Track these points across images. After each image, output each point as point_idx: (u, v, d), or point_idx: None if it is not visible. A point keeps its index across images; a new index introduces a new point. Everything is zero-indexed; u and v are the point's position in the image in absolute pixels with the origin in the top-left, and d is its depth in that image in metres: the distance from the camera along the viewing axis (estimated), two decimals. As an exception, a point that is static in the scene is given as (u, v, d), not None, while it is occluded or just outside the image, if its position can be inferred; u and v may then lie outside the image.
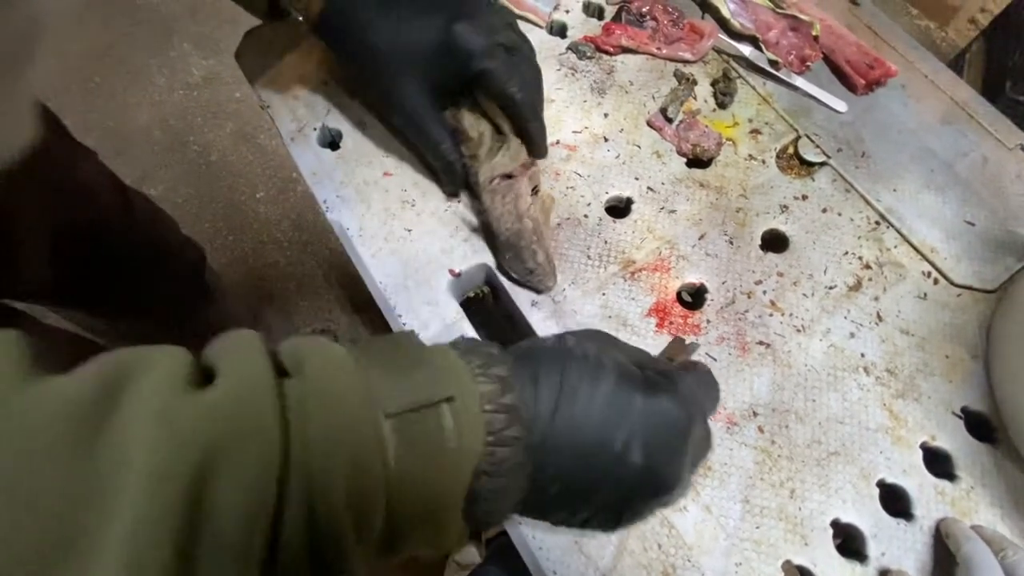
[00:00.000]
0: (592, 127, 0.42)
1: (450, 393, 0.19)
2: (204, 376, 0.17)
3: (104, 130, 1.22)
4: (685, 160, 0.41)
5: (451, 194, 0.38)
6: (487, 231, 0.36)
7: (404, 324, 0.35)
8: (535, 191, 0.36)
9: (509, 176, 0.35)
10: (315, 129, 0.40)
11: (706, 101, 0.43)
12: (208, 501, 0.15)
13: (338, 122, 0.40)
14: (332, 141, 0.40)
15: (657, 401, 0.23)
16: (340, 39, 0.35)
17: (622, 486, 0.22)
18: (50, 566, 0.13)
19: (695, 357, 0.34)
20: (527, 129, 0.37)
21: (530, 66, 0.37)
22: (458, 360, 0.21)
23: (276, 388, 0.17)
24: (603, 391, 0.22)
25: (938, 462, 0.34)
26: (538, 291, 0.36)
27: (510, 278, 0.36)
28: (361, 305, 1.07)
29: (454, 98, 0.37)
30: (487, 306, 0.40)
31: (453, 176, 0.37)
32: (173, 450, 0.15)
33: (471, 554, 0.91)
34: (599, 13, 0.47)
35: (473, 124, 0.36)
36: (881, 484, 0.33)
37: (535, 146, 0.38)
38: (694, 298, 0.38)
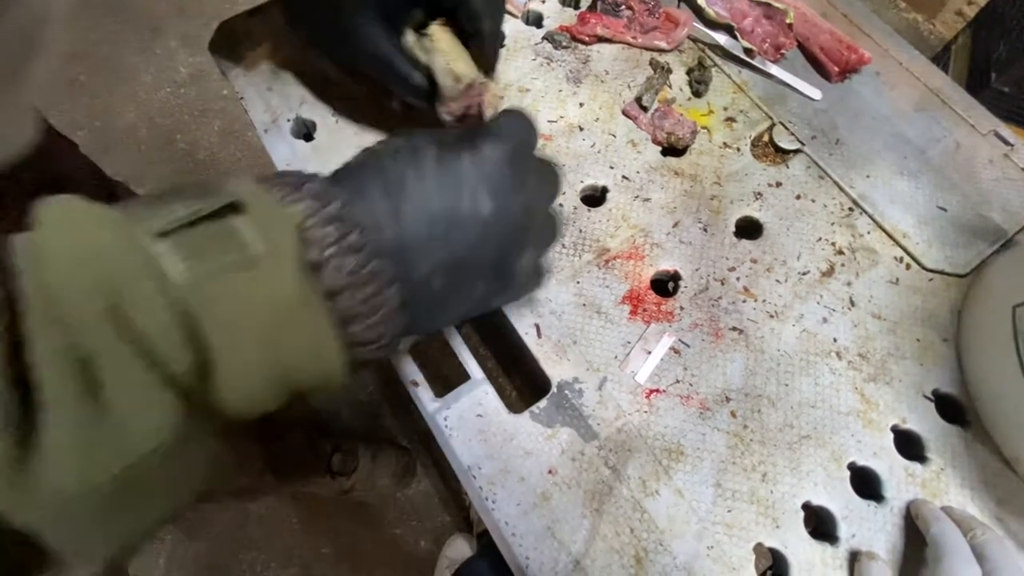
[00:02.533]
0: (567, 116, 0.42)
1: (236, 199, 0.18)
2: None
3: (91, 129, 1.21)
4: (660, 149, 0.41)
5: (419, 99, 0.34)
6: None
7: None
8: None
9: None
10: (289, 120, 0.40)
11: (681, 90, 0.43)
12: None
13: (312, 113, 0.40)
14: (306, 132, 0.40)
15: (480, 150, 0.23)
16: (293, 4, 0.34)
17: (489, 243, 0.23)
18: None
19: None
20: (478, 26, 0.33)
21: None
22: (251, 182, 0.19)
23: None
24: (430, 169, 0.22)
25: (909, 444, 0.34)
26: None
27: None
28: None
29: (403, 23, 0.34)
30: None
31: (418, 92, 0.34)
32: None
33: (462, 548, 0.91)
34: (575, 2, 0.47)
35: (441, 43, 0.34)
36: (852, 467, 0.33)
37: (486, 55, 0.34)
38: (668, 285, 0.38)
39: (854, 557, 0.31)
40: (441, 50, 0.33)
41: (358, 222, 0.20)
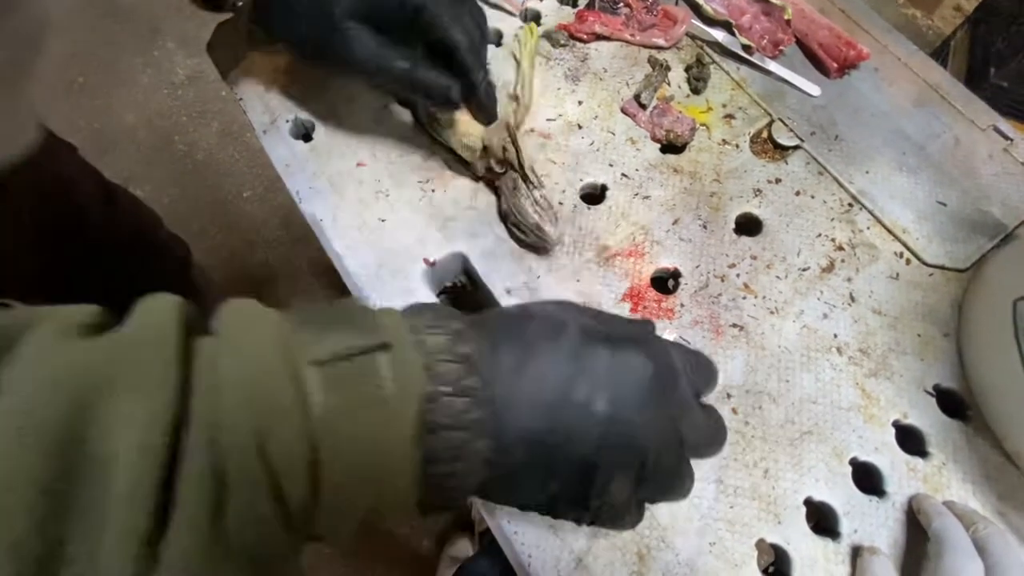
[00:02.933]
0: (566, 114, 0.42)
1: (384, 340, 0.18)
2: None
3: (89, 131, 1.21)
4: (659, 146, 0.41)
5: (452, 105, 0.34)
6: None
7: (378, 313, 0.35)
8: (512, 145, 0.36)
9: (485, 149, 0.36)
10: (288, 121, 0.40)
11: (680, 87, 0.43)
12: (86, 445, 0.14)
13: (311, 113, 0.40)
14: (305, 133, 0.40)
15: (622, 354, 0.22)
16: (277, 19, 0.33)
17: (588, 439, 0.21)
18: None
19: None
20: (470, 79, 0.33)
21: (475, 10, 0.34)
22: (399, 316, 0.20)
23: (179, 340, 0.16)
24: (565, 347, 0.22)
25: (910, 439, 0.34)
26: (542, 249, 0.37)
27: (518, 241, 0.37)
28: (351, 302, 1.07)
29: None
30: (465, 295, 0.40)
31: (442, 91, 0.33)
32: (39, 395, 0.14)
33: (464, 548, 0.91)
34: (573, 1, 0.47)
35: None
36: (854, 462, 0.33)
37: (480, 103, 0.34)
38: (668, 282, 0.38)
39: (856, 552, 0.31)
40: (451, 128, 0.37)
41: (478, 368, 0.20)
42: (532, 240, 0.36)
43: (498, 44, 0.44)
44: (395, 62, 0.32)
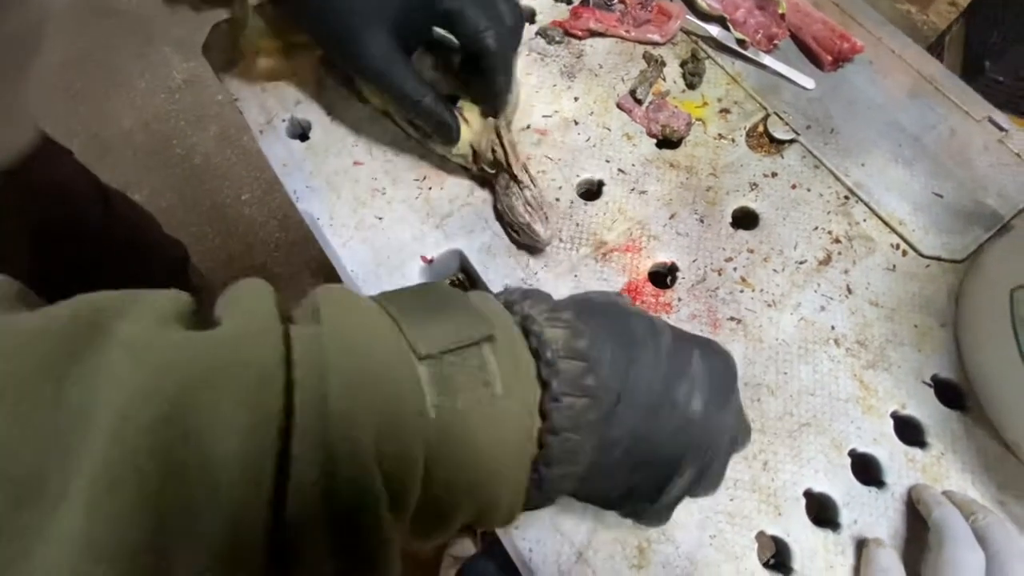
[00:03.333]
0: (562, 111, 0.42)
1: (490, 333, 0.17)
2: (210, 325, 0.15)
3: (86, 136, 1.21)
4: (655, 141, 0.41)
5: (450, 143, 0.35)
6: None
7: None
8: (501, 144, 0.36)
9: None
10: (284, 120, 0.40)
11: (675, 82, 0.43)
12: (191, 439, 0.13)
13: (307, 113, 0.40)
14: (302, 132, 0.40)
15: (710, 355, 0.23)
16: (300, 7, 0.33)
17: (681, 440, 0.21)
18: (17, 510, 0.11)
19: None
20: (494, 82, 0.33)
21: (510, 9, 0.33)
22: (497, 303, 0.19)
23: (281, 328, 0.15)
24: (666, 345, 0.22)
25: (909, 430, 0.34)
26: (533, 250, 0.37)
27: (512, 240, 0.37)
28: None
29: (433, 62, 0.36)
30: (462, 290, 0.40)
31: (444, 129, 0.34)
32: (144, 384, 0.13)
33: (466, 547, 0.91)
34: (567, -2, 0.47)
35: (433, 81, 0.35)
36: (852, 453, 0.33)
37: (495, 101, 0.34)
38: (665, 277, 0.38)
39: (857, 543, 0.31)
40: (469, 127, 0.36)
41: (597, 368, 0.19)
42: (525, 240, 0.36)
43: (532, 22, 0.45)
44: (407, 84, 0.32)
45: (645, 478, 0.22)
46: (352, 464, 0.14)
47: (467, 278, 0.39)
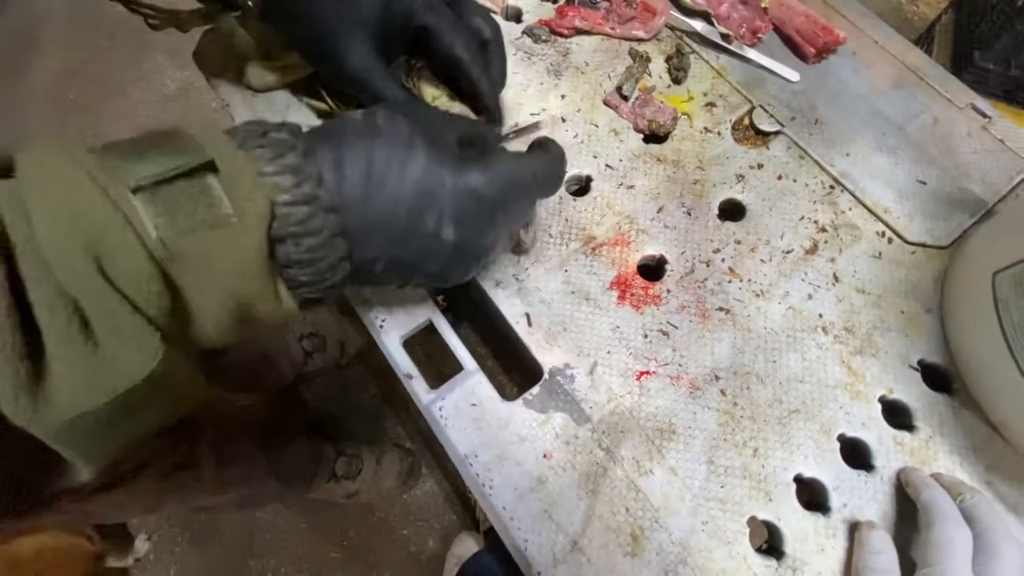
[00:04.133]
0: (550, 109, 0.42)
1: (209, 158, 0.19)
2: None
3: (81, 146, 1.22)
4: (642, 136, 0.42)
5: None
6: None
7: (370, 311, 0.35)
8: None
9: None
10: (275, 125, 0.40)
11: (661, 77, 0.44)
12: None
13: (299, 118, 0.41)
14: (293, 136, 0.41)
15: (466, 179, 0.24)
16: (286, 18, 0.34)
17: (439, 259, 0.25)
18: None
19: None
20: (474, 92, 0.34)
21: (484, 18, 0.34)
22: (218, 132, 0.21)
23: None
24: (412, 174, 0.23)
25: (897, 414, 0.35)
26: (519, 252, 0.37)
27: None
28: (348, 308, 1.08)
29: (409, 67, 0.36)
30: (456, 290, 0.40)
31: None
32: None
33: (469, 546, 0.92)
34: (553, -3, 0.47)
35: (429, 91, 0.35)
36: (841, 438, 0.34)
37: (486, 111, 0.34)
38: (654, 269, 0.39)
39: (848, 526, 0.31)
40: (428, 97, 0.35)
41: (311, 174, 0.21)
42: (510, 245, 0.37)
43: (518, 21, 0.46)
44: (387, 91, 0.33)
45: (426, 280, 0.27)
46: (82, 282, 0.17)
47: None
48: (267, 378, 0.88)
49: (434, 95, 0.36)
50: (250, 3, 0.35)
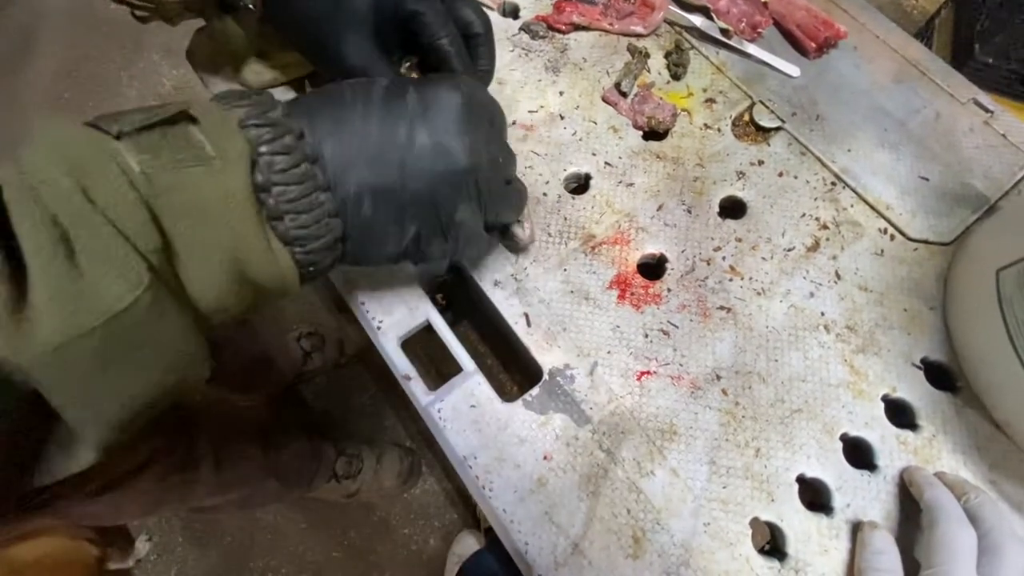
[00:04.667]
0: (548, 106, 0.42)
1: (188, 111, 0.20)
2: None
3: (78, 146, 1.21)
4: (641, 133, 0.41)
5: None
6: None
7: (367, 312, 0.35)
8: None
9: None
10: (270, 124, 0.40)
11: (660, 74, 0.44)
12: None
13: (293, 116, 0.40)
14: (288, 135, 0.40)
15: (429, 89, 0.25)
16: (284, 20, 0.34)
17: (421, 173, 0.24)
18: None
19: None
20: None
21: (475, 10, 0.33)
22: (207, 98, 0.22)
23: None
24: (376, 98, 0.24)
25: (900, 413, 0.34)
26: (516, 250, 0.37)
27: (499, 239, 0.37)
28: (345, 305, 1.07)
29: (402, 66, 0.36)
30: (454, 289, 0.40)
31: None
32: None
33: (470, 544, 0.92)
34: (550, -7, 0.47)
35: None
36: (844, 438, 0.33)
37: None
38: (654, 268, 0.38)
39: (851, 526, 0.31)
40: None
41: (292, 128, 0.22)
42: (506, 242, 0.36)
43: (515, 17, 0.45)
44: (373, 63, 0.32)
45: (419, 220, 0.24)
46: (67, 206, 0.17)
47: (457, 276, 0.39)
48: (267, 378, 0.88)
49: None
50: (251, 5, 0.34)
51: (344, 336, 1.01)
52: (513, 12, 0.46)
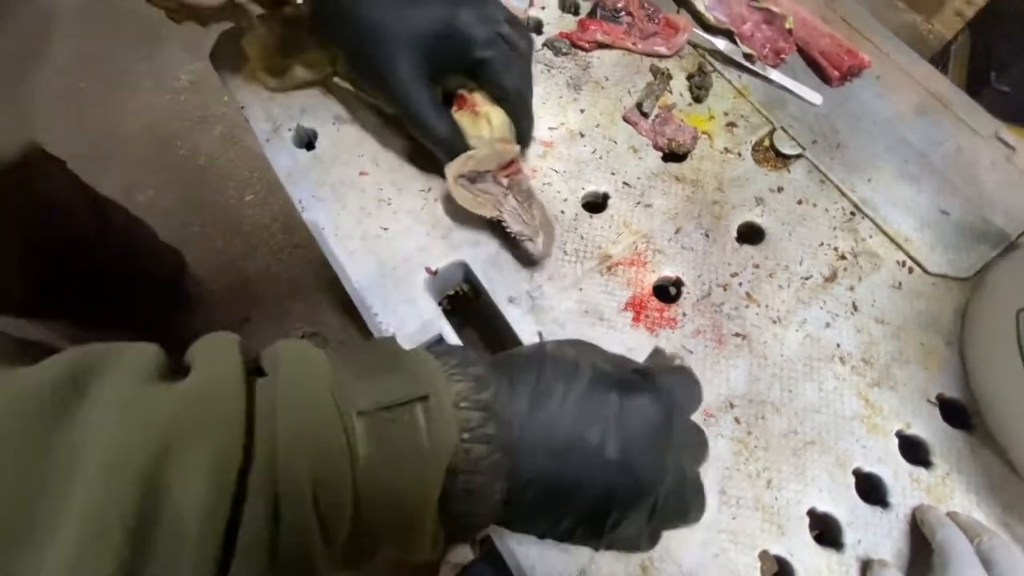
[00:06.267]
0: (568, 123, 0.42)
1: (424, 392, 0.20)
2: (180, 373, 0.18)
3: (92, 136, 1.21)
4: (661, 154, 0.41)
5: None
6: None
7: (380, 323, 0.35)
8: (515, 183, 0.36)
9: (484, 173, 0.36)
10: (290, 129, 0.40)
11: (682, 95, 0.43)
12: (164, 490, 0.15)
13: (313, 122, 0.40)
14: (308, 141, 0.40)
15: (632, 398, 0.23)
16: (339, 21, 0.34)
17: (599, 483, 0.22)
18: (7, 552, 0.13)
19: (671, 350, 0.34)
20: (519, 123, 0.37)
21: (525, 61, 0.37)
22: (433, 362, 0.21)
23: (245, 384, 0.17)
24: (578, 389, 0.23)
25: (913, 449, 0.34)
26: (528, 265, 0.36)
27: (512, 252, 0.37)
28: (351, 307, 1.07)
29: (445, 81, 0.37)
30: (468, 304, 0.40)
31: (450, 154, 0.35)
32: (130, 437, 0.15)
33: (464, 554, 0.91)
34: (575, 9, 0.47)
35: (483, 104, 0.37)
36: (857, 472, 0.33)
37: (525, 141, 0.38)
38: (670, 291, 0.38)
39: (861, 563, 0.31)
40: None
41: (497, 415, 0.21)
42: (521, 254, 0.36)
43: (539, 32, 0.46)
44: (425, 109, 0.33)
45: (577, 520, 0.23)
46: (292, 504, 0.17)
47: (472, 289, 0.39)
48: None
49: (471, 85, 0.37)
50: (299, 0, 0.34)
51: (347, 338, 1.01)
52: (537, 28, 0.46)
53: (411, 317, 0.35)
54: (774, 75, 0.44)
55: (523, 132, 0.38)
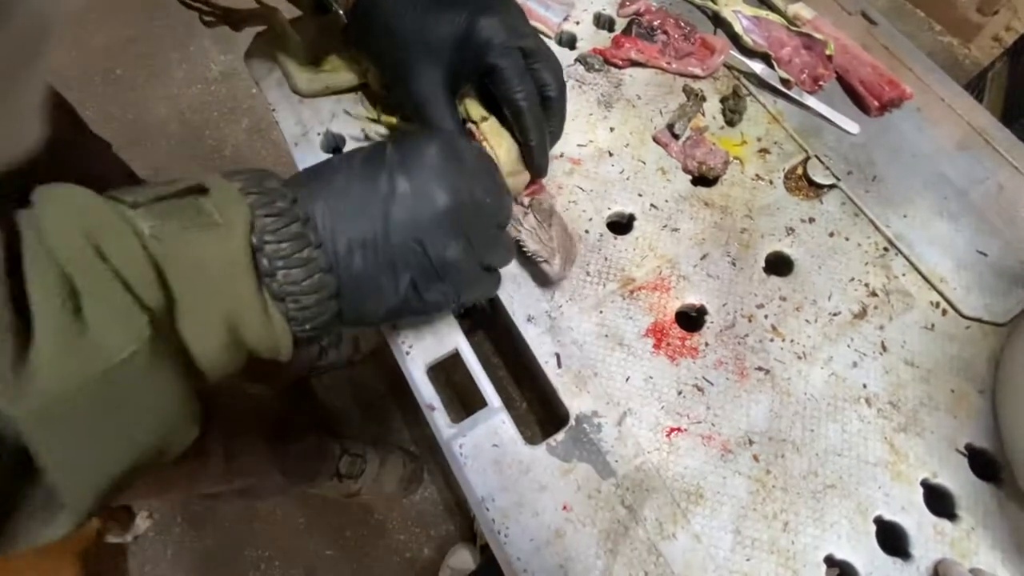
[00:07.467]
0: (597, 141, 0.41)
1: (198, 183, 0.22)
2: None
3: (123, 121, 1.24)
4: (690, 178, 0.40)
5: None
6: None
7: (398, 336, 0.34)
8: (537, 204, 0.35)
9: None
10: (319, 134, 0.40)
11: (714, 118, 0.43)
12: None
13: (342, 128, 0.40)
14: (336, 146, 0.40)
15: (404, 142, 0.26)
16: (369, 29, 0.34)
17: (406, 219, 0.25)
18: None
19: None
20: (526, 142, 0.33)
21: (554, 74, 0.33)
22: (216, 174, 0.23)
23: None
24: (358, 158, 0.26)
25: (939, 500, 0.33)
26: (545, 285, 0.36)
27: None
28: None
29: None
30: (487, 318, 0.40)
31: None
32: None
33: (464, 558, 0.91)
34: (609, 25, 0.46)
35: (477, 111, 0.35)
36: (878, 520, 0.32)
37: (532, 163, 0.34)
38: (693, 319, 0.37)
39: (877, 616, 0.30)
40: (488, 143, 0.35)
41: (285, 194, 0.23)
42: (537, 272, 0.36)
43: (572, 47, 0.45)
44: (444, 120, 0.33)
45: (411, 265, 0.25)
46: (80, 262, 0.18)
47: (490, 305, 0.38)
48: (281, 367, 0.88)
49: (483, 115, 0.35)
50: (340, 11, 0.35)
51: (360, 334, 1.01)
52: (570, 43, 0.45)
53: (427, 330, 0.34)
54: (811, 102, 0.43)
55: (531, 152, 0.34)
